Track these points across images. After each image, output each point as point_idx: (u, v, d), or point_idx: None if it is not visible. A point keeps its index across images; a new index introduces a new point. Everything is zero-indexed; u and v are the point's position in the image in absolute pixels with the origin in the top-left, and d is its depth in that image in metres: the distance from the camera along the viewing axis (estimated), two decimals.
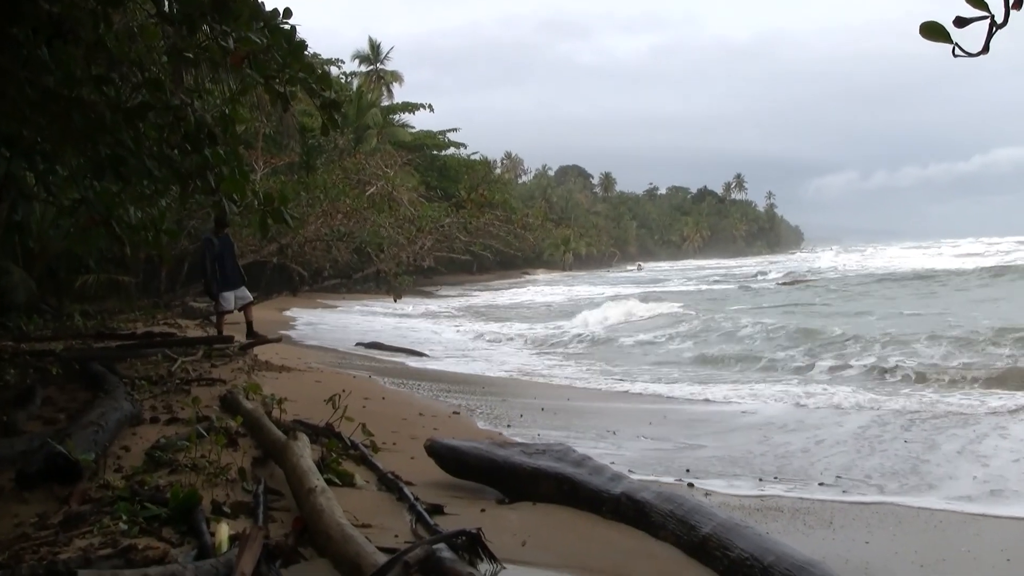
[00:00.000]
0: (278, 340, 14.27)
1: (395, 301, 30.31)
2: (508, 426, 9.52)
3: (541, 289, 53.48)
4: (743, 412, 10.98)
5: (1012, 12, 2.05)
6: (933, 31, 2.09)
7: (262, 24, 5.64)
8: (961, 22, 2.06)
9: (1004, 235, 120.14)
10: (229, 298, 14.31)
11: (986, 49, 2.11)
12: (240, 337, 13.87)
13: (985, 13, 2.06)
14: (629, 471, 6.70)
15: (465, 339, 23.35)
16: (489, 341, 22.75)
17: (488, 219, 34.96)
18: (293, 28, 5.69)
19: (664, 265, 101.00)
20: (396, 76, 74.10)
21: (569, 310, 32.87)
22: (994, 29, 2.07)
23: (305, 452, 5.58)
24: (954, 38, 2.09)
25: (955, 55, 2.11)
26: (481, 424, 9.62)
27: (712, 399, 12.20)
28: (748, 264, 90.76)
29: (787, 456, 8.26)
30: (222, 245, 14.21)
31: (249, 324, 14.33)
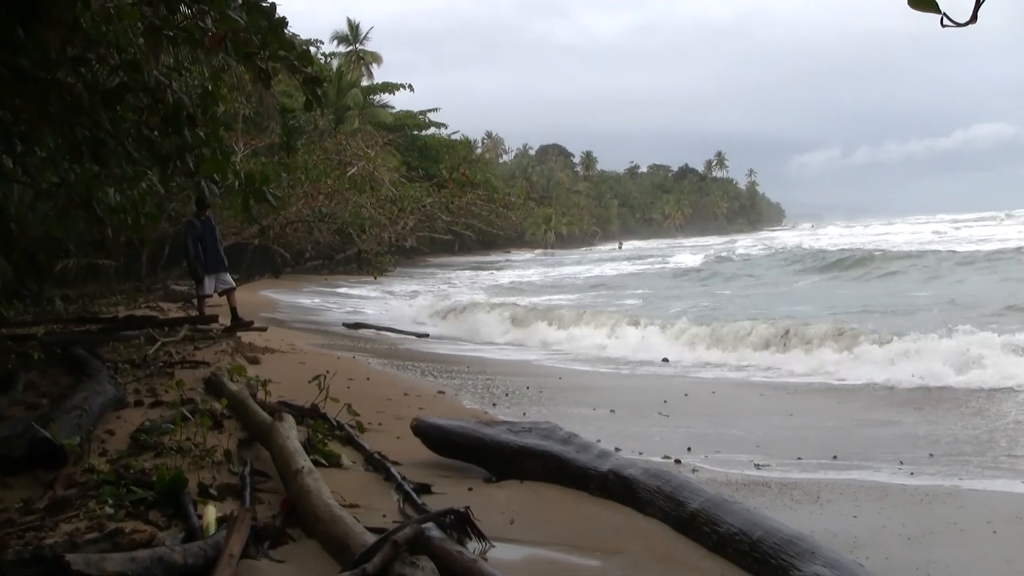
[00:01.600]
0: (264, 329, 14.16)
1: (374, 278, 30.24)
2: (494, 405, 9.52)
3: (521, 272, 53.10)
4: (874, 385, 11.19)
5: None
6: (922, 2, 2.07)
7: (241, 2, 5.57)
8: None
9: (983, 210, 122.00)
10: (209, 282, 14.22)
11: (974, 18, 2.09)
12: (224, 320, 13.80)
13: None
14: None
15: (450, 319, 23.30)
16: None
17: (469, 199, 34.87)
18: (273, 5, 5.63)
19: (641, 243, 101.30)
20: (376, 57, 73.69)
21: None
22: None
23: (291, 433, 5.56)
24: (943, 8, 2.07)
25: (943, 25, 2.09)
26: (467, 403, 9.62)
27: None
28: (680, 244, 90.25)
29: None
30: (204, 227, 14.11)
31: (233, 310, 14.21)
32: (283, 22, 5.65)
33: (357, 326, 19.41)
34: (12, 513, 4.47)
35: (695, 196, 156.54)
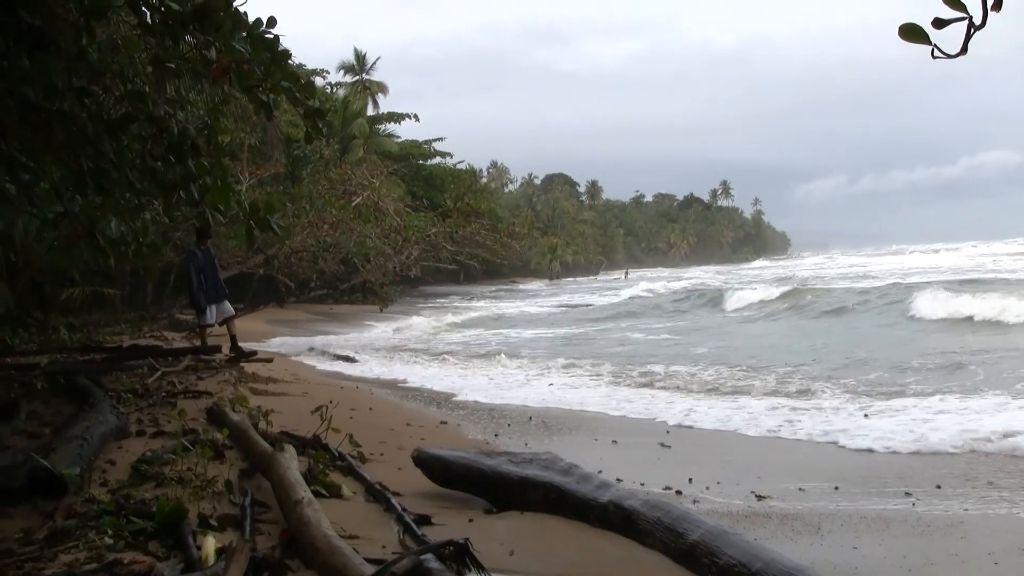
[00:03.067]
0: (269, 360, 14.17)
1: (381, 311, 30.26)
2: (496, 435, 9.51)
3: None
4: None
5: (990, 13, 2.05)
6: (912, 33, 2.09)
7: (245, 34, 5.62)
8: (939, 23, 2.06)
9: (984, 239, 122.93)
10: (210, 312, 14.26)
11: (964, 50, 2.11)
12: (228, 350, 13.82)
13: (963, 14, 2.06)
14: None
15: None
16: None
17: (474, 228, 35.06)
18: (276, 38, 5.67)
19: (645, 272, 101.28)
20: (381, 87, 73.87)
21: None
22: (972, 30, 2.07)
23: (292, 464, 5.55)
24: (933, 40, 2.09)
25: (934, 56, 2.11)
26: (469, 434, 9.60)
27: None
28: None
29: None
30: (205, 258, 14.17)
31: (233, 338, 14.25)
32: (286, 54, 5.69)
33: (347, 359, 19.38)
34: (12, 543, 4.46)
35: (700, 225, 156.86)
